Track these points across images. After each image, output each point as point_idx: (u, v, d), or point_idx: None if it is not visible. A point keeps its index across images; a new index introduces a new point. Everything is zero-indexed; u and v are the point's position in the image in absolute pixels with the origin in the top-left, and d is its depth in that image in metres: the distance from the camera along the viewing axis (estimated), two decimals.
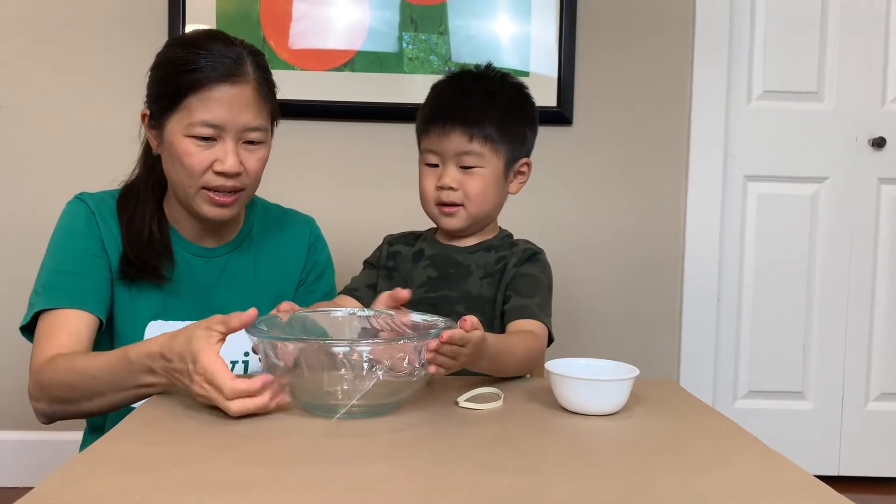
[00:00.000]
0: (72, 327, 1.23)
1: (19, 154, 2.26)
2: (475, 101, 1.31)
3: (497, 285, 1.33)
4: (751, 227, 2.46)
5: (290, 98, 1.75)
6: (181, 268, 1.35)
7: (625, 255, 2.40)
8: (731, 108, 2.41)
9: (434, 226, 1.40)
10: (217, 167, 1.24)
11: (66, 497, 0.73)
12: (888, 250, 2.47)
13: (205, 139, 1.23)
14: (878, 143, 2.43)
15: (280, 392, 1.01)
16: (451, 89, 1.36)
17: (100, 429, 1.33)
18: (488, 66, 1.39)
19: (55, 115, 2.26)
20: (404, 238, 1.43)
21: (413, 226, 1.46)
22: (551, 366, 1.07)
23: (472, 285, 1.34)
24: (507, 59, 2.30)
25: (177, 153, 1.24)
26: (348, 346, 0.98)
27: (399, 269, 1.39)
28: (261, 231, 1.44)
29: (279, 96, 1.33)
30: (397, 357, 0.96)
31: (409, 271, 1.37)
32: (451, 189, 1.30)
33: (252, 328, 1.01)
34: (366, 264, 1.43)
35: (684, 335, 2.42)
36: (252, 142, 1.27)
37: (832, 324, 2.47)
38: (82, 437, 1.41)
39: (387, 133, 2.30)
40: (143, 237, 1.31)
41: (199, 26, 2.17)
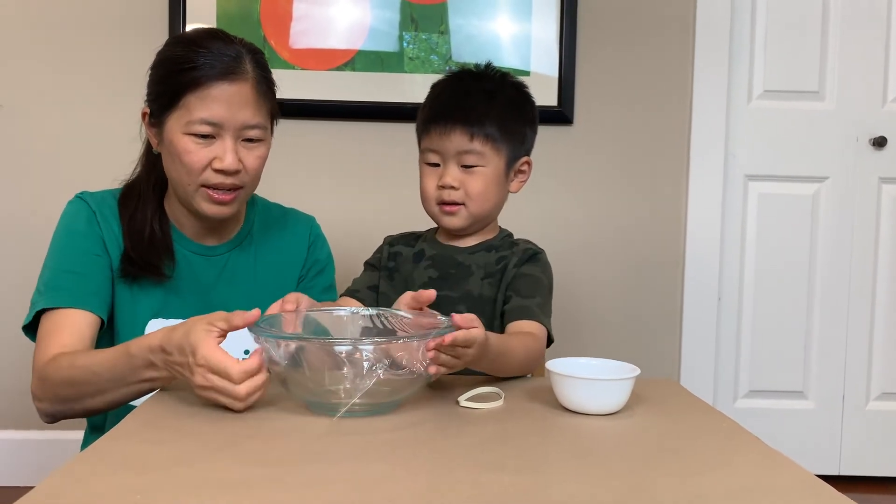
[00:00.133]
0: (74, 326, 1.24)
1: (19, 154, 2.26)
2: (475, 100, 1.31)
3: (498, 285, 1.33)
4: (751, 227, 2.46)
5: (290, 98, 1.74)
6: (182, 266, 1.35)
7: (625, 254, 2.40)
8: (731, 108, 2.41)
9: (434, 226, 1.40)
10: (216, 165, 1.24)
11: (66, 496, 0.73)
12: (889, 250, 2.47)
13: (204, 137, 1.24)
14: (879, 143, 2.42)
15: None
16: (452, 89, 1.36)
17: (100, 428, 1.34)
18: (488, 65, 1.39)
19: (55, 115, 2.26)
20: (404, 239, 1.43)
21: (413, 225, 1.46)
22: (552, 365, 1.07)
23: (472, 285, 1.34)
24: (507, 59, 2.30)
25: (176, 151, 1.25)
26: (351, 344, 0.98)
27: (400, 270, 1.39)
28: (261, 229, 1.44)
29: (279, 95, 1.34)
30: (409, 355, 0.97)
31: (410, 272, 1.37)
32: (453, 188, 1.30)
33: (255, 326, 1.01)
34: (366, 265, 1.43)
35: (685, 335, 2.42)
36: (251, 139, 1.27)
37: (833, 323, 2.47)
38: (83, 436, 1.42)
39: (387, 132, 2.30)
40: (144, 235, 1.32)
41: (200, 26, 2.17)
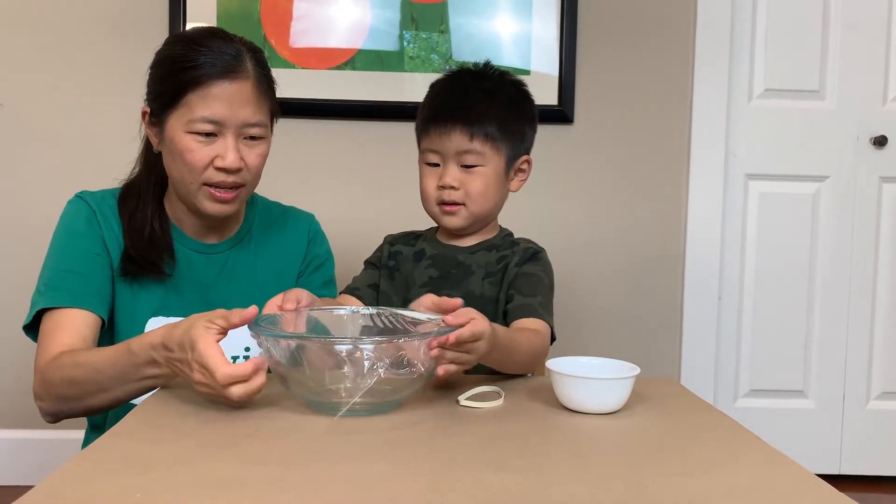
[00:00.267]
0: (75, 326, 1.24)
1: (19, 154, 2.26)
2: (475, 99, 1.31)
3: (499, 285, 1.33)
4: (752, 226, 2.46)
5: (290, 97, 1.75)
6: (182, 264, 1.35)
7: (626, 253, 2.40)
8: (732, 107, 2.40)
9: (434, 225, 1.40)
10: (218, 163, 1.24)
11: (66, 495, 0.73)
12: (889, 249, 2.47)
13: (205, 135, 1.24)
14: (880, 142, 2.42)
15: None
16: (451, 88, 1.35)
17: (101, 427, 1.34)
18: (486, 64, 1.38)
19: (55, 115, 2.26)
20: (405, 238, 1.43)
21: (414, 224, 1.46)
22: (552, 364, 1.07)
23: (473, 285, 1.33)
24: (508, 58, 2.30)
25: (178, 150, 1.25)
26: (351, 343, 0.98)
27: (400, 269, 1.39)
28: (261, 228, 1.44)
29: (279, 94, 1.34)
30: (411, 354, 0.97)
31: (411, 271, 1.37)
32: (453, 188, 1.30)
33: (255, 325, 1.01)
34: (367, 264, 1.43)
35: (685, 334, 2.42)
36: (252, 137, 1.27)
37: (833, 322, 2.47)
38: (84, 435, 1.42)
39: (387, 131, 2.30)
40: (144, 234, 1.32)
41: (200, 25, 2.17)
